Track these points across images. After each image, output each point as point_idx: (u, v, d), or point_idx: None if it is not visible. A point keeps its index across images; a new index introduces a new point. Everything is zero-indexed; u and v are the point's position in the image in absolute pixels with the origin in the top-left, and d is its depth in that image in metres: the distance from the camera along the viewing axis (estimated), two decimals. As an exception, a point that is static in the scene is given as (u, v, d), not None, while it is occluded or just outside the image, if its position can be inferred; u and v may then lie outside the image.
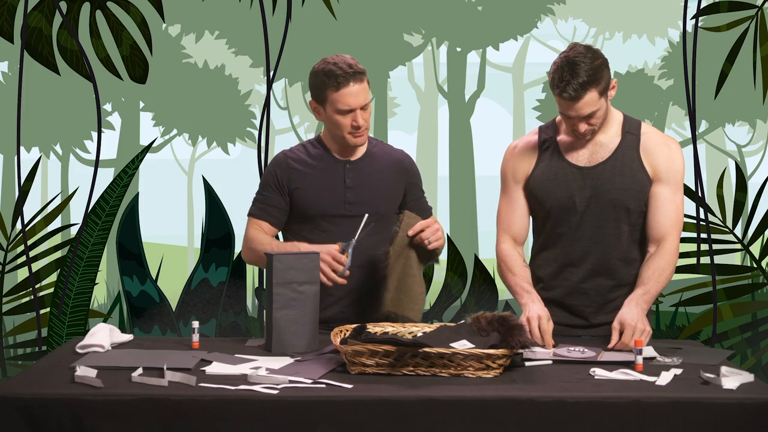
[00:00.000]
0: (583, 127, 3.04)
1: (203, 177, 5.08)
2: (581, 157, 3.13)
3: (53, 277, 5.14)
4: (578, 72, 2.94)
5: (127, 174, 4.83)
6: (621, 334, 2.90)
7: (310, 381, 2.54)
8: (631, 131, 3.13)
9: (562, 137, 3.17)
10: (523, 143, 3.24)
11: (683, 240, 4.77)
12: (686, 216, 4.67)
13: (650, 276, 3.01)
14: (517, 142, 3.26)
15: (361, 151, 3.28)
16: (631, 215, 3.10)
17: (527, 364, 2.77)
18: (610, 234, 3.11)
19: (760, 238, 5.04)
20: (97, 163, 4.63)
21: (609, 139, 3.13)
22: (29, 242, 4.86)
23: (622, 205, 3.09)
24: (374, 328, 2.94)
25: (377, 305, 3.21)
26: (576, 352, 2.84)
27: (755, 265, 5.00)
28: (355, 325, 2.81)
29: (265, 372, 2.60)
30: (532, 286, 3.13)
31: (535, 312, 2.97)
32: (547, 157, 3.16)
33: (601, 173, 3.10)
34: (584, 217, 3.11)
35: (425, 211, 3.31)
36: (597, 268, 3.13)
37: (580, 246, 3.13)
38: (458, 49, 13.46)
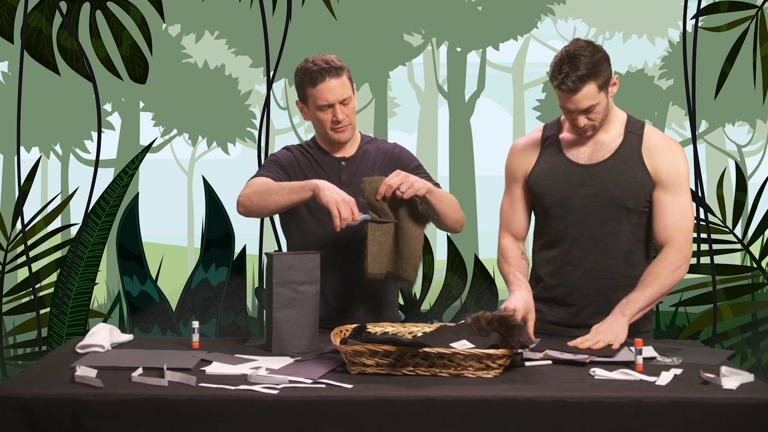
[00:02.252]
0: (582, 121, 3.04)
1: (203, 177, 5.08)
2: (582, 155, 3.14)
3: (53, 277, 5.14)
4: (578, 65, 2.96)
5: (127, 174, 4.83)
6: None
7: (310, 381, 2.54)
8: (633, 131, 3.13)
9: (564, 135, 3.18)
10: (525, 140, 3.26)
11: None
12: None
13: (642, 280, 3.02)
14: (521, 140, 3.29)
15: (354, 149, 3.29)
16: (631, 214, 3.10)
17: (527, 364, 2.77)
18: (610, 233, 3.11)
19: (760, 238, 5.04)
20: (97, 163, 4.63)
21: (611, 138, 3.13)
22: (29, 242, 4.86)
23: (622, 203, 3.09)
24: (374, 328, 2.94)
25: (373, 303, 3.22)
26: (568, 354, 2.84)
27: (755, 265, 5.00)
28: (355, 325, 2.81)
29: (265, 372, 2.60)
30: (525, 276, 3.15)
31: (512, 305, 2.98)
32: (548, 154, 3.18)
33: (601, 171, 3.10)
34: (583, 216, 3.12)
35: None
36: (597, 267, 3.12)
37: (580, 245, 3.13)
38: (458, 49, 13.46)
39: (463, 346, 2.66)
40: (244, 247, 5.02)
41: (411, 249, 3.00)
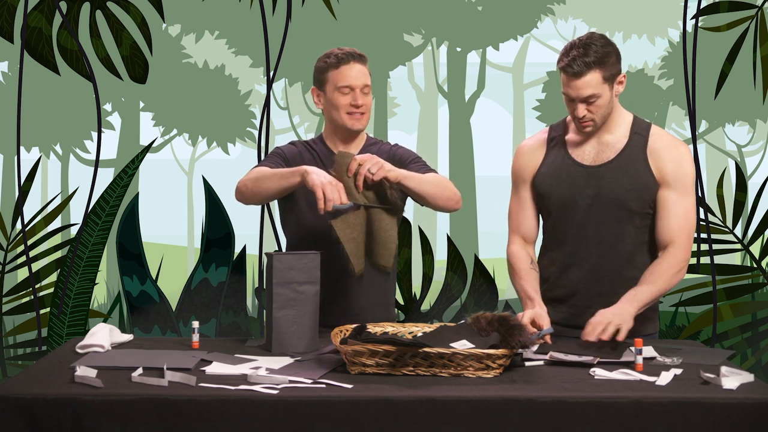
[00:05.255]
0: (581, 110, 3.04)
1: (203, 177, 5.08)
2: (587, 156, 3.13)
3: (53, 277, 5.14)
4: (588, 51, 2.98)
5: (127, 174, 4.83)
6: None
7: (310, 381, 2.54)
8: (639, 132, 3.12)
9: (570, 135, 3.18)
10: (531, 141, 3.27)
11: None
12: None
13: (646, 278, 3.01)
14: (527, 141, 3.29)
15: (358, 149, 3.29)
16: (634, 216, 3.09)
17: (527, 364, 2.77)
18: (613, 234, 3.10)
19: (760, 238, 5.04)
20: (97, 163, 4.63)
21: (616, 139, 3.12)
22: (29, 242, 4.86)
23: (625, 205, 3.08)
24: (374, 328, 2.94)
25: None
26: (573, 356, 2.84)
27: (755, 265, 5.00)
28: (355, 325, 2.81)
29: (265, 372, 2.60)
30: (538, 290, 3.15)
31: (528, 317, 3.03)
32: (554, 155, 3.18)
33: (606, 173, 3.10)
34: (587, 217, 3.11)
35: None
36: (600, 268, 3.12)
37: (583, 246, 3.12)
38: (458, 49, 13.46)
39: (463, 346, 2.66)
40: (244, 247, 5.02)
41: (386, 235, 3.02)
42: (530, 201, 3.24)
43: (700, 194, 4.52)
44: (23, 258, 4.82)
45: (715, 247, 4.83)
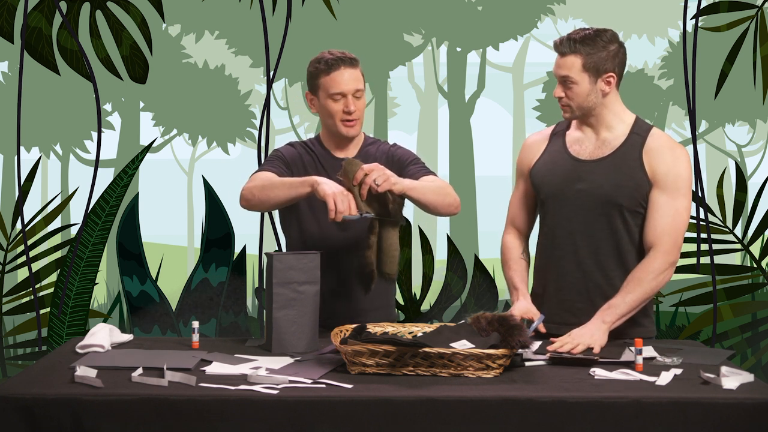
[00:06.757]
0: (558, 91, 3.09)
1: (203, 177, 5.08)
2: (584, 151, 3.15)
3: (53, 277, 5.14)
4: (584, 39, 3.02)
5: (127, 174, 4.83)
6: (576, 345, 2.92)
7: (310, 381, 2.54)
8: (638, 132, 3.12)
9: (571, 131, 3.19)
10: (536, 136, 3.30)
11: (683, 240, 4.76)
12: (686, 217, 4.66)
13: (624, 287, 3.02)
14: (533, 135, 3.33)
15: (356, 150, 3.29)
16: (624, 214, 3.09)
17: (527, 364, 2.77)
18: (602, 229, 3.11)
19: (760, 238, 5.04)
20: (97, 163, 4.63)
21: (614, 137, 3.13)
22: (29, 242, 4.86)
23: (614, 201, 3.08)
24: (374, 328, 2.95)
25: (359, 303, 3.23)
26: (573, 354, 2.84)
27: (755, 265, 5.00)
28: (355, 325, 2.81)
29: (265, 372, 2.60)
30: (525, 280, 3.19)
31: (516, 313, 3.06)
32: (552, 148, 3.21)
33: (598, 168, 3.11)
34: (576, 211, 3.12)
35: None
36: (588, 264, 3.12)
37: (572, 240, 3.13)
38: (458, 49, 13.46)
39: (463, 346, 2.66)
40: (244, 247, 5.02)
41: (387, 243, 3.05)
42: (528, 196, 3.28)
43: (700, 194, 4.52)
44: (23, 258, 4.82)
45: (715, 247, 4.82)
